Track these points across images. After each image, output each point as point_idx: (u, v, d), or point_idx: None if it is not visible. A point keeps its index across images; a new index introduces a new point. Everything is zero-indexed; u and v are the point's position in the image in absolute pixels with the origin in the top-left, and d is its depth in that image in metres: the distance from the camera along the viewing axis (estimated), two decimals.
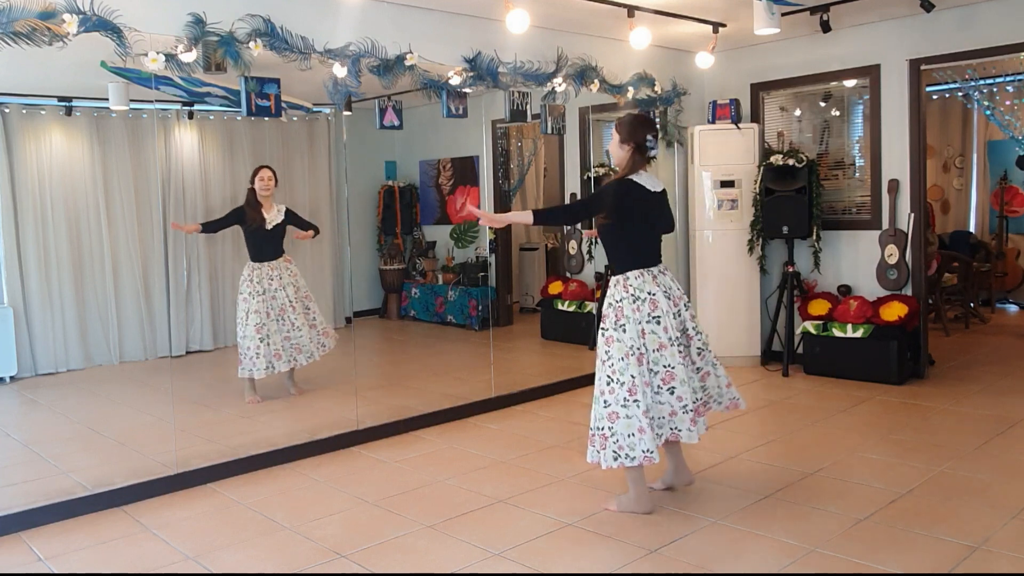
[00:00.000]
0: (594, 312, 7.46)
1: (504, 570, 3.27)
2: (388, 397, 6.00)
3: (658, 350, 3.71)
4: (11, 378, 6.65)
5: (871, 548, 3.34)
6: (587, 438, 3.80)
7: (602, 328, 3.79)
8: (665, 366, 3.70)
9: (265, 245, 5.99)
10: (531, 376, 6.60)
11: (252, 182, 5.98)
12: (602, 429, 3.71)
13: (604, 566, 3.28)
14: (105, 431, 5.47)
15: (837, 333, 6.22)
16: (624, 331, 3.69)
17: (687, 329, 3.82)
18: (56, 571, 3.41)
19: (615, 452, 3.67)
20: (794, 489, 4.03)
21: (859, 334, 6.10)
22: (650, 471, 4.00)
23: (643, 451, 3.63)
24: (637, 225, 3.77)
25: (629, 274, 3.76)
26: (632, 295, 3.72)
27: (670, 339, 3.70)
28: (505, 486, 4.21)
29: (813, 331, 6.35)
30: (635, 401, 3.63)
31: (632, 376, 3.64)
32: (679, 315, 3.79)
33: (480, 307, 8.54)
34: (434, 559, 3.38)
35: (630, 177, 3.75)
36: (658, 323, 3.70)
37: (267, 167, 6.03)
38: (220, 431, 5.32)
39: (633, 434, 3.64)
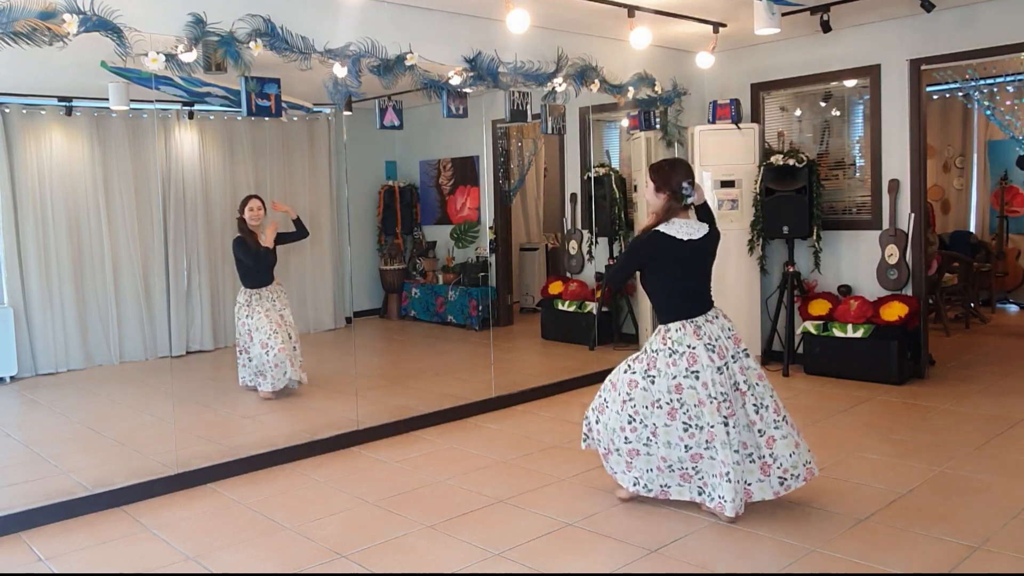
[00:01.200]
0: (594, 312, 7.47)
1: (504, 570, 3.27)
2: (388, 397, 6.00)
3: (697, 406, 3.58)
4: (11, 378, 6.65)
5: (871, 548, 3.34)
6: (599, 455, 3.93)
7: (630, 366, 3.78)
8: (708, 424, 3.57)
9: (259, 271, 6.02)
10: (531, 376, 6.59)
11: (241, 212, 5.97)
12: (622, 453, 3.79)
13: (604, 566, 3.28)
14: (105, 431, 5.47)
15: (837, 333, 6.22)
16: (652, 383, 3.66)
17: (738, 383, 3.61)
18: (56, 571, 3.41)
19: (635, 479, 3.80)
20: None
21: (859, 334, 6.10)
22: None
23: (660, 485, 3.74)
24: (668, 277, 3.67)
25: (670, 326, 3.67)
26: (669, 348, 3.63)
27: (710, 396, 3.54)
28: (505, 486, 4.21)
29: (813, 331, 6.35)
30: (656, 443, 3.70)
31: (655, 424, 3.67)
32: (726, 367, 3.59)
33: (480, 307, 8.54)
34: (434, 559, 3.38)
35: (658, 228, 3.65)
36: (696, 378, 3.57)
37: (256, 197, 6.03)
38: (220, 431, 5.32)
39: (651, 470, 3.74)
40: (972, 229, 9.87)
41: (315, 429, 5.10)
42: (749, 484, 3.64)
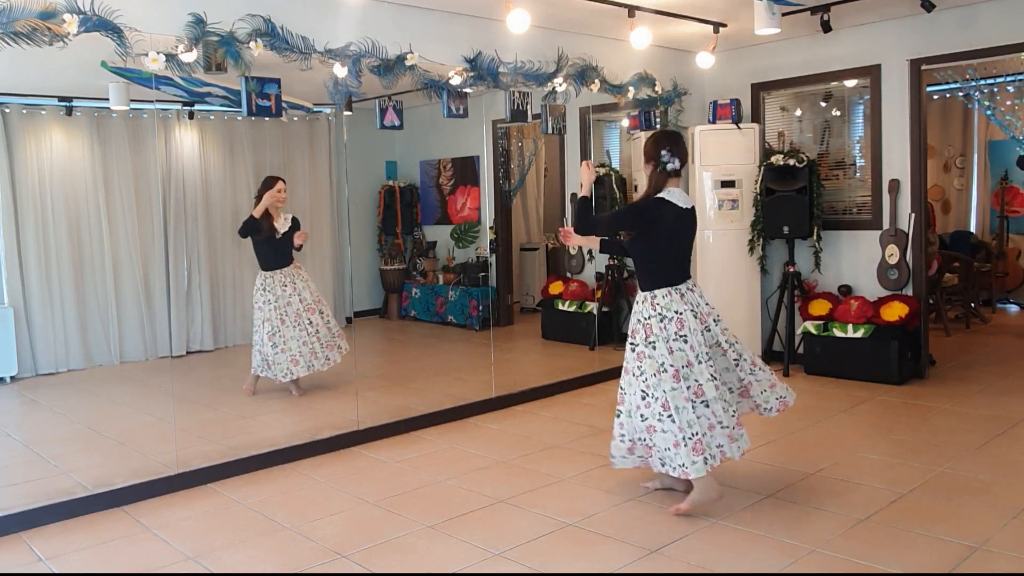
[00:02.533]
0: (594, 312, 7.47)
1: (505, 570, 3.27)
2: (389, 397, 6.00)
3: (687, 367, 3.72)
4: (12, 378, 6.65)
5: (872, 548, 3.34)
6: (608, 444, 3.96)
7: (631, 343, 3.84)
8: (696, 381, 3.72)
9: (276, 254, 6.02)
10: (532, 376, 6.59)
11: (261, 192, 5.95)
12: (644, 441, 3.81)
13: (604, 566, 3.28)
14: (105, 431, 5.47)
15: (838, 333, 6.22)
16: (654, 348, 3.73)
17: (720, 343, 3.84)
18: (56, 571, 3.41)
19: (661, 459, 3.79)
20: (795, 489, 4.03)
21: (860, 334, 6.09)
22: (646, 472, 4.00)
23: (679, 464, 3.71)
24: (664, 243, 3.78)
25: (656, 292, 3.77)
26: (659, 314, 3.74)
27: (697, 357, 3.72)
28: (506, 486, 4.21)
29: (814, 331, 6.35)
30: (669, 416, 3.70)
31: (664, 391, 3.70)
32: (708, 330, 3.80)
33: (480, 307, 8.54)
34: (435, 559, 3.38)
35: (662, 195, 3.76)
36: (685, 341, 3.72)
37: (282, 179, 6.02)
38: (221, 431, 5.32)
39: (669, 448, 3.72)
40: (972, 229, 9.87)
41: (315, 429, 5.10)
42: (733, 428, 3.79)
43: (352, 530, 3.70)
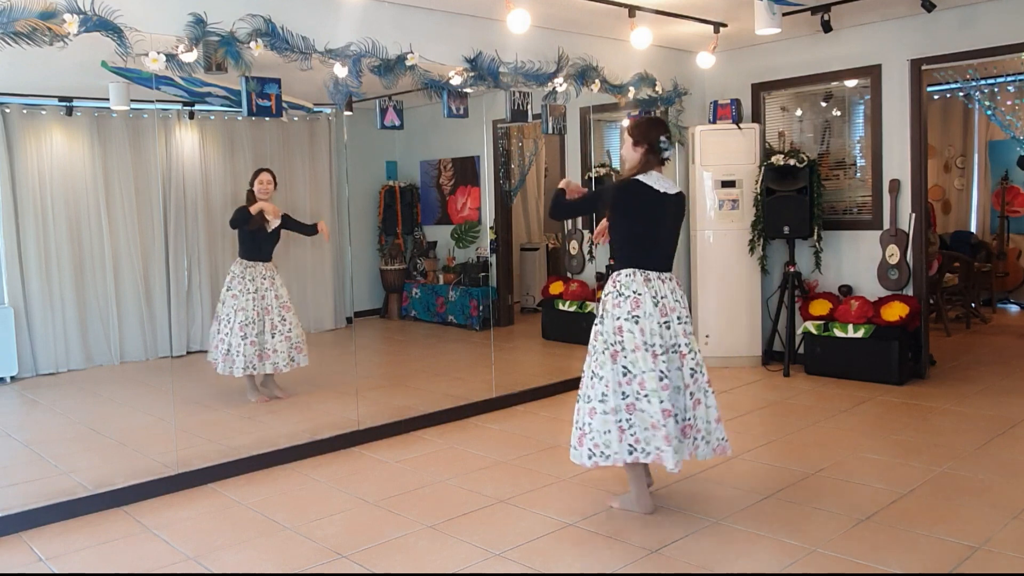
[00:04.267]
0: (595, 312, 7.46)
1: (505, 570, 3.27)
2: (389, 397, 6.00)
3: (633, 351, 3.60)
4: (12, 378, 6.65)
5: (872, 548, 3.33)
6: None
7: (595, 323, 3.80)
8: (641, 371, 3.58)
9: (262, 246, 5.99)
10: (532, 376, 6.59)
11: (252, 184, 5.97)
12: (581, 426, 3.71)
13: (605, 566, 3.28)
14: (106, 431, 5.47)
15: (838, 333, 6.22)
16: (603, 323, 3.70)
17: (679, 345, 3.66)
18: (57, 571, 3.41)
19: (590, 451, 3.65)
20: (795, 489, 4.03)
21: (860, 334, 6.09)
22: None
23: (614, 452, 3.60)
24: (636, 225, 3.70)
25: (621, 271, 3.73)
26: (617, 291, 3.69)
27: (647, 344, 3.57)
28: (506, 486, 4.20)
29: (814, 331, 6.35)
30: (608, 397, 3.61)
31: (607, 373, 3.62)
32: (669, 326, 3.64)
33: (481, 307, 8.54)
34: (435, 559, 3.38)
35: (637, 177, 3.69)
36: (636, 322, 3.59)
37: (267, 170, 6.02)
38: (221, 431, 5.32)
39: (609, 430, 3.61)
40: (973, 229, 9.87)
41: (315, 429, 5.10)
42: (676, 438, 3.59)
43: (352, 530, 3.70)
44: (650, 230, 3.71)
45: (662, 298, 3.66)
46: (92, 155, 7.04)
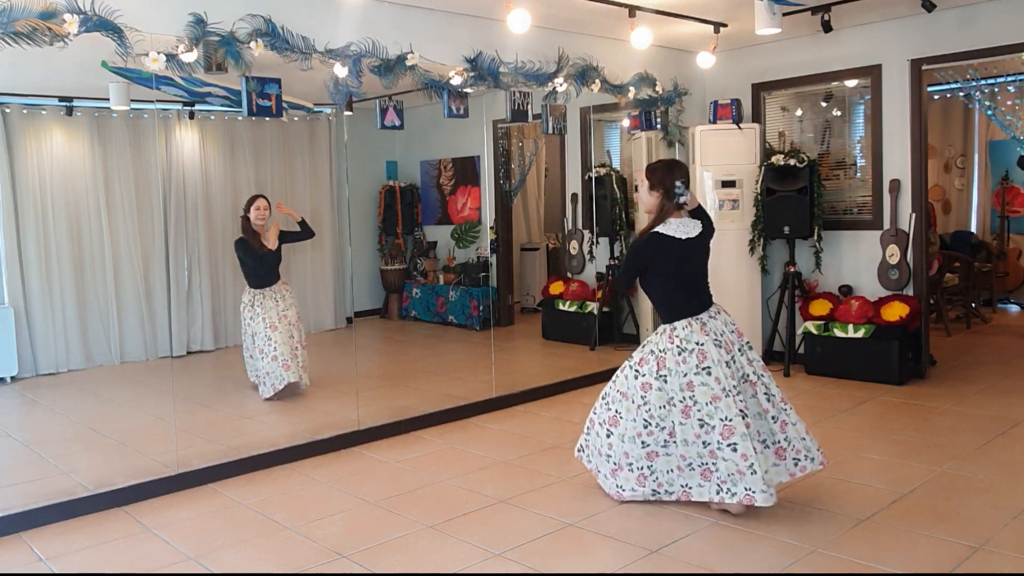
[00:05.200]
0: (595, 312, 7.47)
1: (505, 570, 3.27)
2: (389, 397, 6.00)
3: (711, 403, 3.60)
4: (12, 378, 6.65)
5: (873, 548, 3.33)
6: (596, 469, 3.94)
7: (638, 370, 3.78)
8: (722, 419, 3.58)
9: (265, 272, 6.01)
10: (532, 376, 6.59)
11: (247, 211, 5.96)
12: (634, 466, 3.79)
13: (605, 566, 3.28)
14: (106, 431, 5.47)
15: (838, 333, 6.22)
16: (665, 382, 3.69)
17: (747, 375, 3.70)
18: (57, 571, 3.41)
19: (655, 489, 3.80)
20: (795, 489, 4.02)
21: (860, 334, 6.09)
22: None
23: (681, 486, 3.75)
24: (669, 276, 3.72)
25: (676, 324, 3.71)
26: (678, 346, 3.66)
27: (724, 390, 3.59)
28: (506, 486, 4.20)
29: (814, 331, 6.34)
30: (674, 442, 3.72)
31: (672, 423, 3.69)
32: (734, 361, 3.67)
33: (481, 307, 8.54)
34: (435, 559, 3.38)
35: (656, 230, 3.70)
36: (709, 374, 3.60)
37: (262, 196, 6.02)
38: (221, 431, 5.32)
39: (671, 471, 3.76)
40: (973, 229, 9.86)
41: (316, 429, 5.10)
42: (767, 472, 3.66)
43: (352, 530, 3.70)
44: (682, 277, 3.74)
45: (720, 336, 3.68)
46: (92, 155, 7.05)
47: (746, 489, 3.57)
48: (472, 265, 8.75)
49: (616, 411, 3.85)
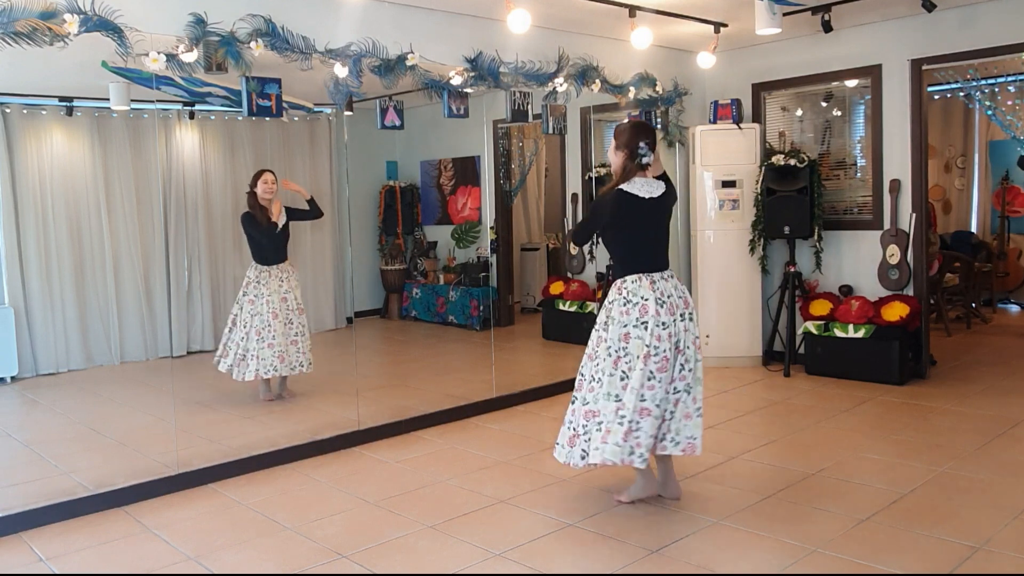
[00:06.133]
0: (595, 312, 7.46)
1: (505, 570, 3.27)
2: (389, 397, 6.00)
3: (639, 357, 3.65)
4: (12, 378, 6.65)
5: (873, 548, 3.33)
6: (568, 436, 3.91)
7: (595, 327, 3.85)
8: (630, 370, 3.66)
9: (272, 248, 5.95)
10: (532, 376, 6.59)
11: (254, 186, 5.93)
12: (575, 427, 3.84)
13: (605, 566, 3.28)
14: (106, 431, 5.47)
15: (839, 333, 6.22)
16: (607, 330, 3.75)
17: (679, 342, 3.72)
18: (57, 571, 3.41)
19: (583, 451, 3.79)
20: (796, 489, 4.02)
21: (861, 334, 6.09)
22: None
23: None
24: (629, 234, 3.77)
25: (627, 278, 3.78)
26: (624, 298, 3.74)
27: (655, 348, 3.64)
28: (506, 486, 4.20)
29: (815, 331, 6.34)
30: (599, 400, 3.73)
31: (606, 379, 3.71)
32: (674, 324, 3.69)
33: (481, 307, 8.54)
34: (435, 559, 3.38)
35: (621, 187, 3.76)
36: (644, 328, 3.66)
37: (269, 171, 5.99)
38: (221, 431, 5.32)
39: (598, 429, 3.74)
40: (973, 229, 9.86)
41: (316, 429, 5.10)
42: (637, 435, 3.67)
43: (353, 530, 3.70)
44: (641, 236, 3.79)
45: (666, 297, 3.72)
46: (92, 155, 7.04)
47: (597, 448, 3.66)
48: (472, 265, 8.74)
49: (580, 374, 3.89)
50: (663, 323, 3.66)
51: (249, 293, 5.94)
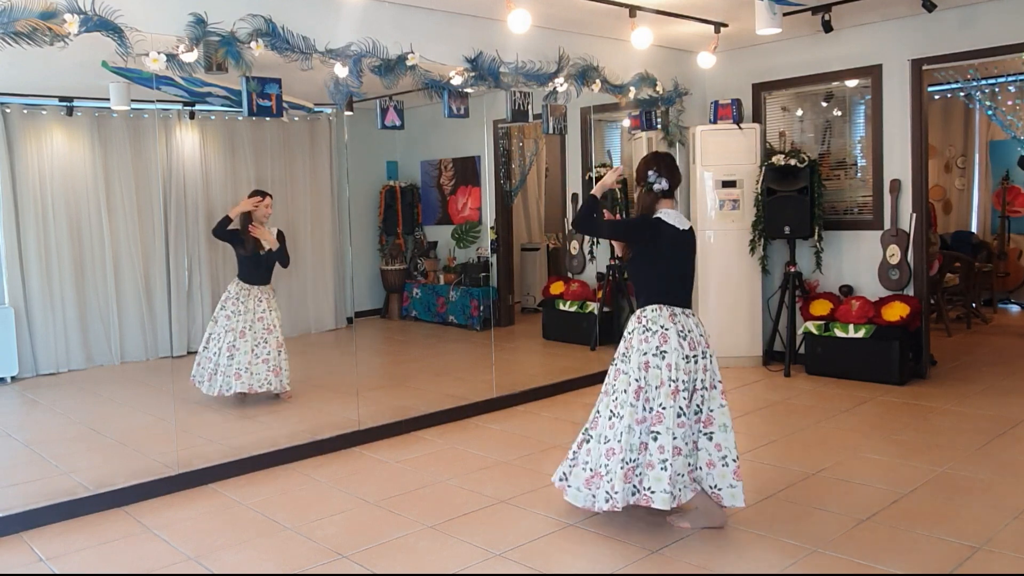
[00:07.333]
0: (595, 312, 7.46)
1: (506, 570, 3.27)
2: (389, 397, 6.00)
3: (658, 387, 3.53)
4: (12, 378, 6.65)
5: (873, 548, 3.33)
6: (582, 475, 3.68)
7: (613, 359, 3.72)
8: (660, 406, 3.51)
9: (257, 270, 5.93)
10: (532, 376, 6.59)
11: (254, 206, 5.89)
12: (596, 467, 3.61)
13: (605, 566, 3.28)
14: (106, 431, 5.47)
15: (839, 333, 6.22)
16: (627, 362, 3.62)
17: (695, 381, 3.58)
18: (57, 571, 3.41)
19: (608, 493, 3.54)
20: (795, 489, 4.02)
21: (861, 334, 6.09)
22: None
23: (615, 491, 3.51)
24: (662, 263, 3.68)
25: (646, 308, 3.66)
26: (644, 327, 3.62)
27: (671, 379, 3.50)
28: (506, 486, 4.20)
29: (815, 331, 6.34)
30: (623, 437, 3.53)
31: (627, 413, 3.53)
32: (695, 361, 3.56)
33: (481, 307, 8.54)
34: (435, 559, 3.38)
35: (658, 215, 3.68)
36: (663, 358, 3.53)
37: (269, 194, 5.96)
38: (221, 431, 5.32)
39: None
40: (974, 229, 9.86)
41: (316, 429, 5.10)
42: (679, 474, 3.49)
43: (353, 530, 3.70)
44: (674, 267, 3.70)
45: (688, 332, 3.60)
46: (92, 155, 7.05)
47: (647, 489, 3.47)
48: (472, 265, 8.74)
49: (597, 411, 3.74)
50: (686, 356, 3.54)
51: (227, 308, 5.89)
